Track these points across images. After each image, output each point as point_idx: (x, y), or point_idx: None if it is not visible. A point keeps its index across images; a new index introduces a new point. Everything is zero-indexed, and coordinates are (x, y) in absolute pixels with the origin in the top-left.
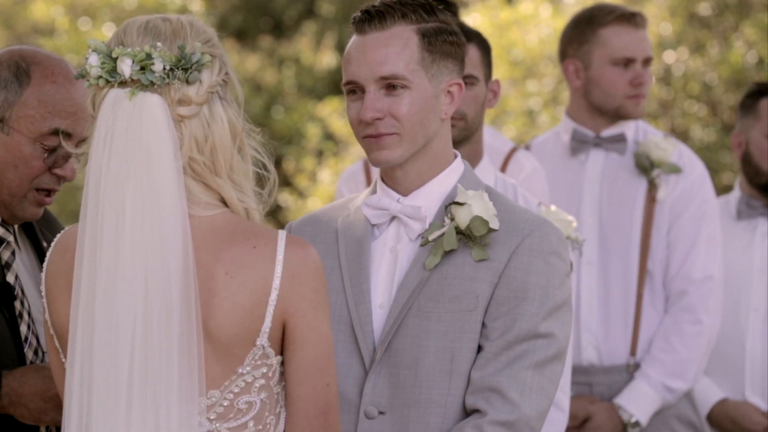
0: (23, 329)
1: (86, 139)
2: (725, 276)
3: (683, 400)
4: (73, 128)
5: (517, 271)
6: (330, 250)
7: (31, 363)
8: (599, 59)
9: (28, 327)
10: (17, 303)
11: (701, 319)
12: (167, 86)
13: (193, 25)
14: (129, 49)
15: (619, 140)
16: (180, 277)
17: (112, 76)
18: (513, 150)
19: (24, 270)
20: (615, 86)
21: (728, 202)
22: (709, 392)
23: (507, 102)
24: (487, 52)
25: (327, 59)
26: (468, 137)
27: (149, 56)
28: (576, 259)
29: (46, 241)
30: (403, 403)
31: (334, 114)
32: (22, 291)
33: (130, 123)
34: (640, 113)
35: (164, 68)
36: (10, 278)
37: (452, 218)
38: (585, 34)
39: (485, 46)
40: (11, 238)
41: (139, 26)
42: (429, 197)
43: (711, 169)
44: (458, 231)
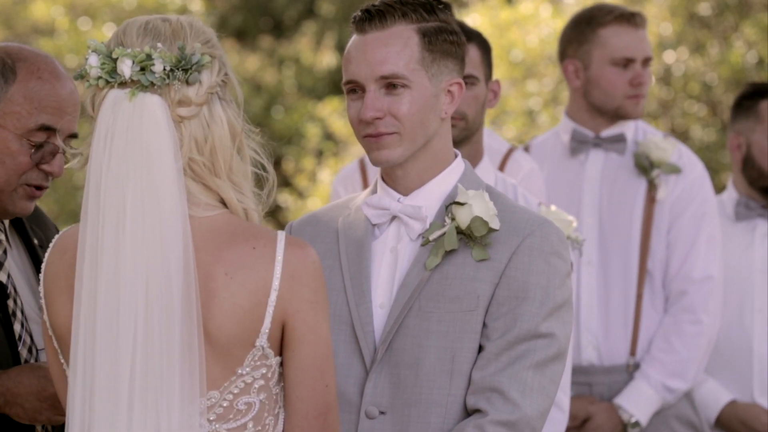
0: (17, 328)
1: (76, 135)
2: (726, 278)
3: (683, 400)
4: (60, 124)
5: (518, 271)
6: (330, 250)
7: (26, 362)
8: (599, 59)
9: (22, 325)
10: (10, 302)
11: (701, 319)
12: (167, 87)
13: (193, 26)
14: (129, 50)
15: (619, 140)
16: (181, 278)
17: (112, 77)
18: (510, 150)
19: (16, 268)
20: (614, 86)
21: (723, 203)
22: (718, 394)
23: (507, 102)
24: (488, 52)
25: (327, 59)
26: (468, 137)
27: (149, 57)
28: (576, 259)
29: (37, 238)
30: (404, 403)
31: (334, 114)
32: (15, 289)
33: (130, 124)
34: (640, 113)
35: (164, 69)
36: (2, 277)
37: (453, 218)
38: (585, 34)
39: (485, 46)
40: (2, 237)
41: (139, 27)
42: (429, 197)
43: (711, 169)
44: (459, 231)
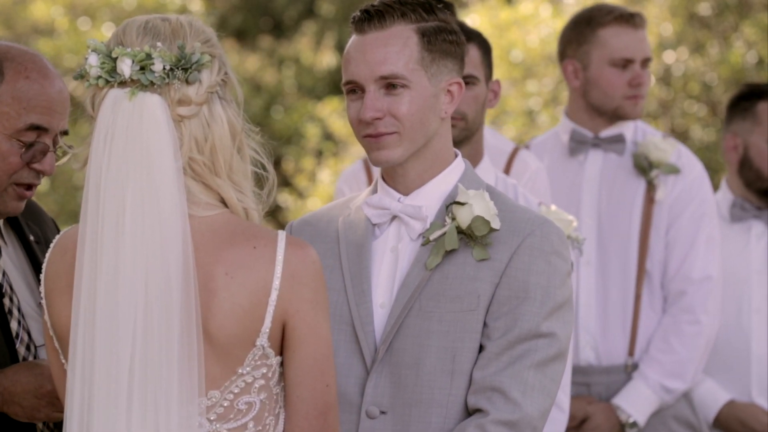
0: (14, 326)
1: (67, 132)
2: (723, 279)
3: (681, 401)
4: (49, 123)
5: (519, 271)
6: (331, 250)
7: (24, 359)
8: (598, 60)
9: (19, 323)
10: (6, 300)
11: (700, 320)
12: (167, 86)
13: (193, 25)
14: (129, 49)
15: (618, 141)
16: (180, 278)
17: (112, 76)
18: (516, 149)
19: (12, 265)
20: (613, 87)
21: (717, 204)
22: (716, 394)
23: (507, 102)
24: (488, 53)
25: (327, 59)
26: (468, 137)
27: (149, 56)
28: (576, 259)
29: (33, 235)
30: (405, 403)
31: (334, 114)
32: (11, 287)
33: (130, 123)
34: (639, 114)
35: (164, 68)
36: None
37: (453, 218)
38: (584, 35)
39: (486, 47)
40: None
41: (139, 26)
42: (430, 196)
43: (710, 169)
44: (459, 231)
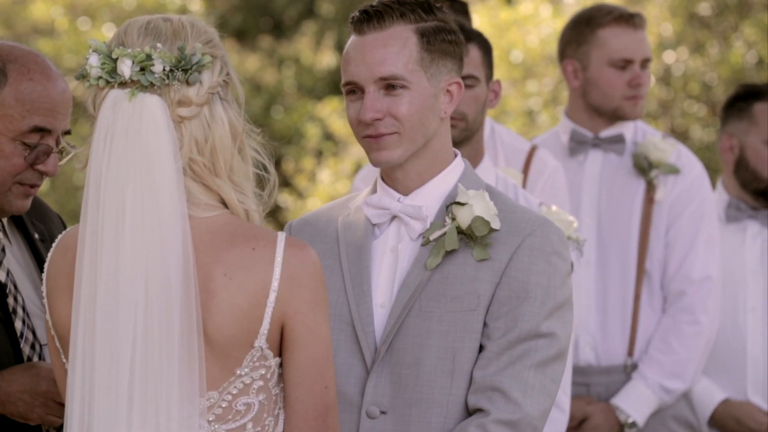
0: (18, 325)
1: (69, 131)
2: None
3: (681, 401)
4: (53, 124)
5: (519, 271)
6: (330, 250)
7: (29, 358)
8: (597, 60)
9: (23, 322)
10: (10, 299)
11: (700, 320)
12: (167, 87)
13: (194, 26)
14: (129, 50)
15: (618, 141)
16: (180, 278)
17: (112, 77)
18: (533, 148)
19: (16, 264)
20: (613, 87)
21: None
22: (712, 393)
23: (507, 102)
24: (488, 53)
25: (327, 59)
26: (469, 137)
27: (149, 57)
28: (576, 260)
29: (38, 233)
30: (405, 403)
31: (334, 114)
32: (15, 286)
33: (130, 124)
34: (638, 114)
35: (164, 69)
36: (1, 275)
37: (453, 218)
38: (583, 35)
39: (486, 47)
40: (0, 235)
41: (140, 27)
42: (429, 196)
43: (710, 169)
44: (459, 231)
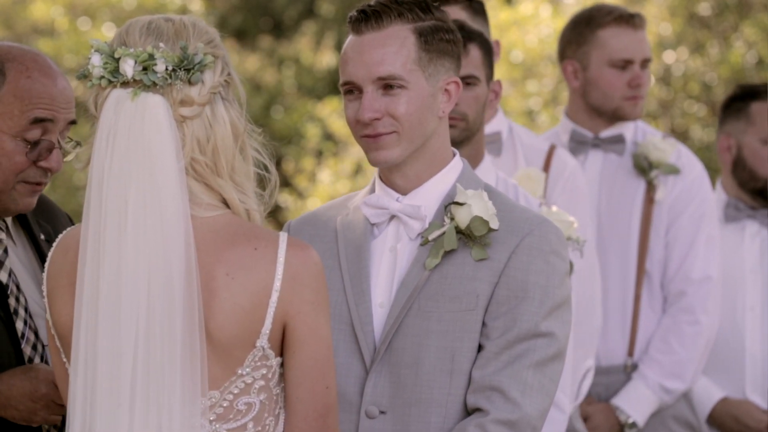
0: (19, 326)
1: (74, 122)
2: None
3: (681, 401)
4: (53, 115)
5: (517, 271)
6: (329, 250)
7: (30, 359)
8: (597, 60)
9: (25, 323)
10: (12, 299)
11: (700, 320)
12: (169, 87)
13: (196, 26)
14: (131, 50)
15: (618, 141)
16: (182, 278)
17: (115, 77)
18: (553, 147)
19: (20, 264)
20: (613, 87)
21: None
22: (710, 391)
23: (507, 102)
24: (489, 53)
25: (327, 59)
26: (469, 138)
27: (152, 57)
28: (576, 260)
29: (43, 233)
30: (404, 403)
31: (334, 114)
32: (18, 287)
33: (133, 123)
34: (638, 114)
35: (166, 69)
36: (3, 276)
37: (452, 218)
38: (583, 35)
39: (487, 47)
40: (3, 235)
41: (142, 26)
42: (428, 196)
43: (710, 170)
44: (458, 231)
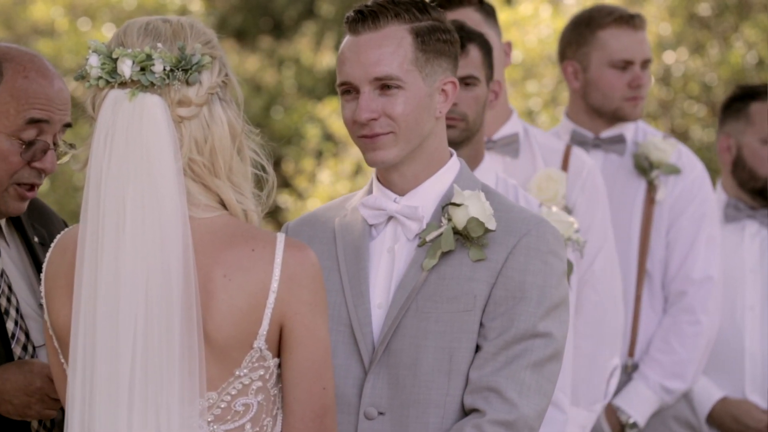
0: (10, 326)
1: (69, 125)
2: None
3: (681, 401)
4: (49, 116)
5: (515, 271)
6: (328, 251)
7: (19, 359)
8: (598, 61)
9: (16, 323)
10: (3, 300)
11: (700, 320)
12: (167, 87)
13: (194, 27)
14: (129, 50)
15: (619, 141)
16: (180, 279)
17: (112, 77)
18: (569, 147)
19: (12, 266)
20: (613, 88)
21: None
22: (710, 391)
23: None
24: (489, 53)
25: (327, 59)
26: (469, 138)
27: (149, 57)
28: (576, 261)
29: (37, 236)
30: (403, 404)
31: (334, 114)
32: (9, 288)
33: (130, 124)
34: (639, 115)
35: (164, 69)
36: None
37: (449, 219)
38: (584, 36)
39: (486, 47)
40: None
41: (140, 27)
42: (426, 197)
43: (711, 170)
44: (455, 231)
